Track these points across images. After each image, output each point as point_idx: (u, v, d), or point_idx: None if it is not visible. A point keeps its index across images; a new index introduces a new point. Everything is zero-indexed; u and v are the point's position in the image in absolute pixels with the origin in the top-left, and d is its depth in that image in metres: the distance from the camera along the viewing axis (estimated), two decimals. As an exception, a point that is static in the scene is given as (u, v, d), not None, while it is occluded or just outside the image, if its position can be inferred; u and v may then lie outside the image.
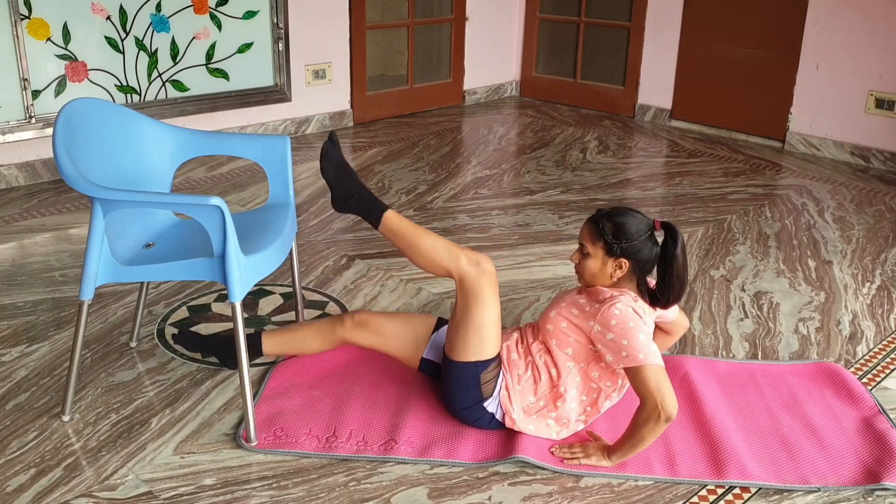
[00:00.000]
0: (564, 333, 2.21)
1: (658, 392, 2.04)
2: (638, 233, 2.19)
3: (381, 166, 4.73)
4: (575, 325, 2.20)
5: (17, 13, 4.01)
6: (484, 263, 2.20)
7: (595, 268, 2.23)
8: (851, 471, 2.19)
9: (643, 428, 2.08)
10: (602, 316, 2.13)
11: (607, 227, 2.20)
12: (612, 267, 2.21)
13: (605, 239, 2.19)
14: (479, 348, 2.21)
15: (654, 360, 2.06)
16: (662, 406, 2.04)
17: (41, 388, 2.49)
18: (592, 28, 6.10)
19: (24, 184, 4.24)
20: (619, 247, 2.18)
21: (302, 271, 3.31)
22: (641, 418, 2.08)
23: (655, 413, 2.05)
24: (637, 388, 2.08)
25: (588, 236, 2.24)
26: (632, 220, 2.20)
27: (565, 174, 4.67)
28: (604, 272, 2.22)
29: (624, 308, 2.13)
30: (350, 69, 5.45)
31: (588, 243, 2.23)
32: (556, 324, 2.23)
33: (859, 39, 4.86)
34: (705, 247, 3.67)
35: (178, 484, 2.10)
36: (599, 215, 2.24)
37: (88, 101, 2.34)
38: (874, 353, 2.82)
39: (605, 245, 2.20)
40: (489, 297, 2.19)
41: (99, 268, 2.18)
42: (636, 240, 2.18)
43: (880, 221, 4.05)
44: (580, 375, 2.22)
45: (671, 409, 2.05)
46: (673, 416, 2.06)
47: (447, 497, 2.08)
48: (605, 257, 2.21)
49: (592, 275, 2.24)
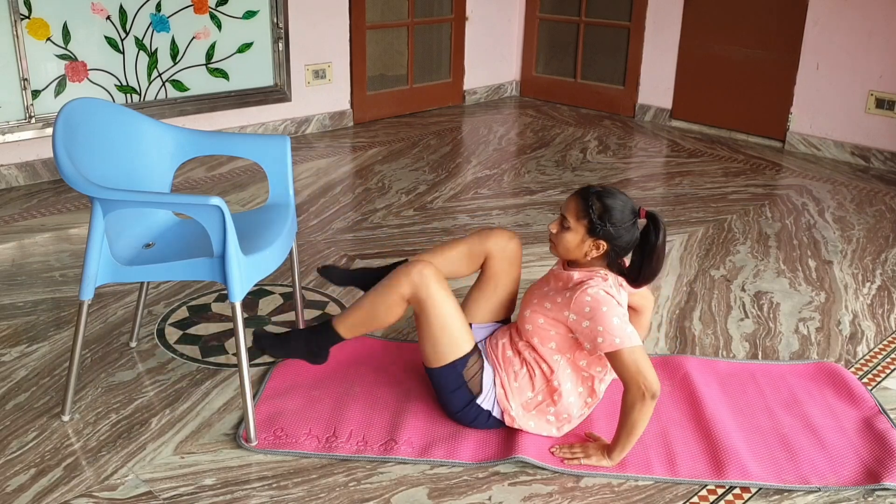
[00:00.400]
0: (544, 329, 2.22)
1: (638, 372, 2.05)
2: (623, 218, 2.17)
3: (381, 166, 4.73)
4: (551, 318, 2.20)
5: (17, 13, 4.01)
6: (417, 271, 2.19)
7: (572, 243, 2.20)
8: (852, 471, 2.19)
9: (632, 412, 2.09)
10: (575, 304, 2.13)
11: (595, 207, 2.16)
12: (589, 246, 2.19)
13: (591, 217, 2.16)
14: (451, 348, 2.21)
15: (630, 342, 2.07)
16: (645, 385, 2.05)
17: (41, 388, 2.49)
18: (592, 28, 6.10)
19: (24, 184, 4.24)
20: (602, 228, 2.16)
21: (302, 271, 3.30)
22: (628, 403, 2.09)
23: (640, 394, 2.06)
24: (618, 371, 2.09)
25: (573, 211, 2.20)
26: (619, 203, 2.18)
27: (565, 174, 4.67)
28: (580, 249, 2.20)
29: (595, 292, 2.12)
30: (350, 69, 5.45)
31: (572, 217, 2.20)
32: (534, 322, 2.23)
33: (859, 39, 4.86)
34: (705, 247, 3.67)
35: (178, 484, 2.10)
36: (589, 192, 2.20)
37: (88, 101, 2.34)
38: (874, 353, 2.82)
39: (588, 224, 2.17)
40: (438, 296, 2.18)
41: (99, 268, 2.18)
42: (620, 225, 2.16)
43: (880, 221, 4.05)
44: (570, 367, 2.23)
45: (654, 385, 2.06)
46: (657, 393, 2.06)
47: (447, 497, 2.08)
48: (585, 235, 2.18)
49: (567, 248, 2.22)
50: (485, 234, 2.44)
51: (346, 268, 2.63)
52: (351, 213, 3.98)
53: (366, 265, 3.20)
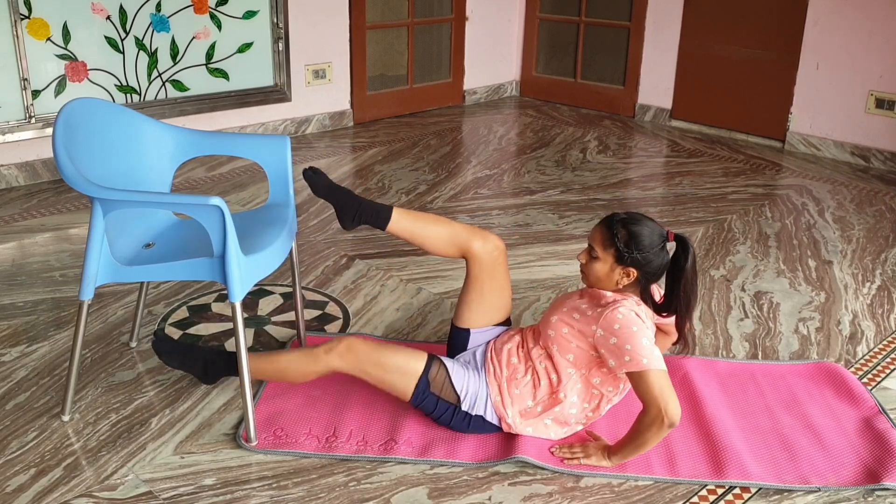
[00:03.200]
0: (566, 339, 2.19)
1: (661, 397, 2.02)
2: (651, 244, 2.15)
3: (381, 166, 4.73)
4: (577, 330, 2.17)
5: (17, 13, 4.01)
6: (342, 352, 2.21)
7: (602, 272, 2.20)
8: (851, 471, 2.19)
9: (646, 433, 2.07)
10: (605, 320, 2.11)
11: (621, 235, 2.15)
12: (619, 274, 2.18)
13: (617, 246, 2.15)
14: (405, 381, 2.21)
15: (657, 364, 2.05)
16: (666, 412, 2.02)
17: (41, 388, 2.49)
18: (592, 28, 6.10)
19: (24, 184, 4.24)
20: (630, 256, 2.14)
21: (302, 271, 3.30)
22: (645, 423, 2.07)
23: (659, 419, 2.03)
24: (640, 393, 2.06)
25: (599, 240, 2.19)
26: (646, 230, 2.16)
27: (565, 174, 4.67)
28: (610, 278, 2.20)
29: (627, 312, 2.11)
30: (350, 69, 5.45)
31: (598, 247, 2.19)
32: (558, 329, 2.21)
33: (859, 39, 4.86)
34: (705, 247, 3.67)
35: (178, 484, 2.10)
36: (614, 220, 2.18)
37: (88, 101, 2.34)
38: (874, 353, 2.82)
39: (616, 252, 2.16)
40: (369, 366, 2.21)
41: (99, 268, 2.18)
42: (648, 251, 2.15)
43: (880, 221, 4.05)
44: (581, 382, 2.20)
45: (674, 415, 2.03)
46: (676, 422, 2.04)
47: (447, 497, 2.08)
48: (614, 264, 2.17)
49: (598, 278, 2.22)
50: (472, 231, 2.37)
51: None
52: (351, 213, 3.98)
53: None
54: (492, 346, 2.35)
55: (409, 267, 3.36)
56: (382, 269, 3.36)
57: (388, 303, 3.09)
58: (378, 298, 3.12)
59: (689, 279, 2.16)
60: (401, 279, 3.27)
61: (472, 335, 2.39)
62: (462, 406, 2.24)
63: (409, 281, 3.26)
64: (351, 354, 2.21)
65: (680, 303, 2.19)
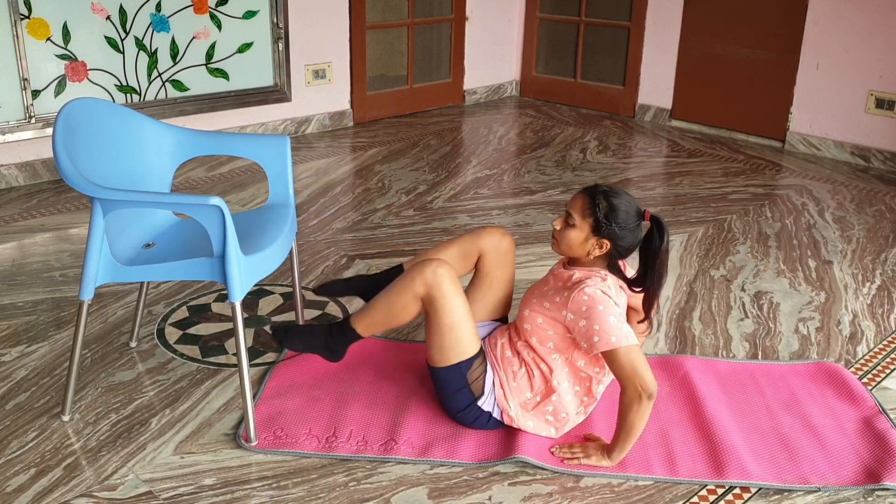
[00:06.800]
0: (542, 328, 2.22)
1: (634, 373, 2.05)
2: (627, 219, 2.17)
3: (381, 166, 4.73)
4: (550, 317, 2.20)
5: (17, 13, 4.01)
6: (432, 269, 2.18)
7: (576, 240, 2.20)
8: (851, 471, 2.19)
9: (629, 412, 2.09)
10: (573, 303, 2.13)
11: (602, 205, 2.16)
12: (593, 244, 2.19)
13: (597, 216, 2.16)
14: (457, 349, 2.21)
15: (626, 340, 2.07)
16: (642, 386, 2.05)
17: (41, 388, 2.49)
18: (592, 28, 6.10)
19: (24, 184, 4.24)
20: (607, 228, 2.16)
21: (302, 271, 3.30)
22: (625, 403, 2.09)
23: (637, 394, 2.06)
24: (614, 371, 2.09)
25: (579, 208, 2.20)
26: (625, 204, 2.18)
27: (565, 174, 4.67)
28: (582, 247, 2.21)
29: (592, 292, 2.12)
30: (350, 69, 5.45)
31: (577, 215, 2.19)
32: (533, 321, 2.24)
33: (859, 39, 4.86)
34: (705, 247, 3.67)
35: (178, 484, 2.10)
36: (597, 191, 2.20)
37: (88, 101, 2.34)
38: (874, 353, 2.82)
39: (593, 222, 2.17)
40: (450, 296, 2.18)
41: (99, 268, 2.18)
42: (624, 226, 2.17)
43: (880, 221, 4.05)
44: (567, 366, 2.23)
45: (650, 386, 2.05)
46: (654, 393, 2.06)
47: (447, 497, 2.08)
48: (590, 233, 2.19)
49: (569, 246, 2.22)
50: (476, 232, 2.45)
51: (340, 279, 2.62)
52: (351, 213, 3.98)
53: (356, 273, 3.21)
54: (487, 342, 2.37)
55: (409, 267, 3.36)
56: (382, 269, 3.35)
57: (388, 303, 3.09)
58: (378, 298, 3.12)
59: (662, 260, 2.19)
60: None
61: None
62: (479, 402, 2.25)
63: (409, 281, 3.25)
64: (435, 289, 2.17)
65: (652, 280, 2.21)
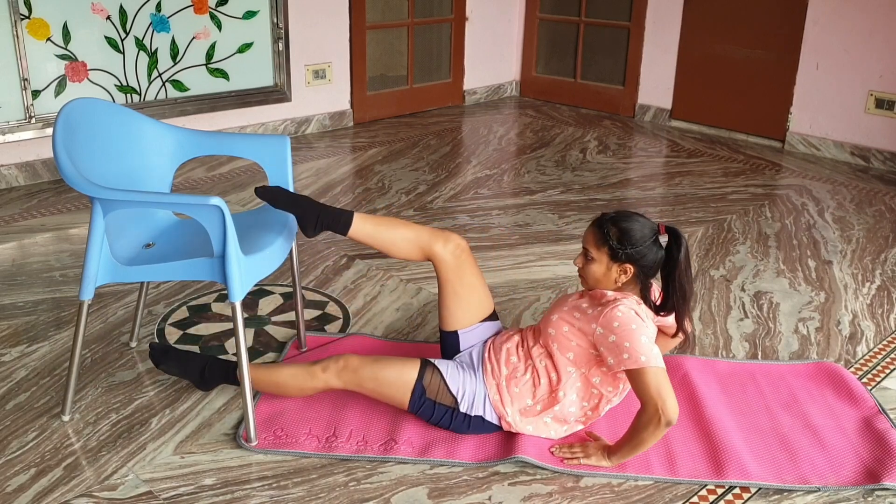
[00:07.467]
0: (566, 337, 2.20)
1: (658, 396, 2.03)
2: (643, 238, 2.16)
3: (381, 166, 4.73)
4: (577, 328, 2.18)
5: (17, 13, 4.01)
6: (339, 369, 2.25)
7: (599, 272, 2.21)
8: (851, 471, 2.19)
9: (643, 431, 2.08)
10: (604, 318, 2.12)
11: (612, 233, 2.17)
12: (616, 272, 2.19)
13: (610, 244, 2.17)
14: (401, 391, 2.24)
15: (655, 362, 2.05)
16: (663, 410, 2.03)
17: (41, 388, 2.49)
18: (592, 28, 6.10)
19: (24, 184, 4.24)
20: (623, 252, 2.16)
21: (302, 271, 3.30)
22: (642, 422, 2.08)
23: (656, 417, 2.04)
24: (638, 391, 2.07)
25: (592, 241, 2.21)
26: (636, 224, 2.18)
27: (565, 174, 4.67)
28: (608, 277, 2.21)
29: (626, 311, 2.12)
30: (350, 69, 5.45)
31: (592, 248, 2.21)
32: (558, 328, 2.22)
33: (859, 39, 4.86)
34: (705, 247, 3.67)
35: (178, 484, 2.10)
36: (604, 220, 2.21)
37: (88, 101, 2.34)
38: (874, 353, 2.82)
39: (609, 250, 2.18)
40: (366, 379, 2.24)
41: (99, 268, 2.18)
42: (641, 245, 2.16)
43: (880, 221, 4.05)
44: (581, 381, 2.21)
45: (672, 413, 2.04)
46: (673, 421, 2.05)
47: (447, 497, 2.08)
48: (609, 262, 2.19)
49: (596, 279, 2.23)
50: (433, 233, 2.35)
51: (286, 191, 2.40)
52: (351, 213, 3.98)
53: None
54: (490, 345, 2.35)
55: (409, 267, 3.36)
56: (382, 269, 3.36)
57: (387, 303, 3.09)
58: (378, 298, 3.12)
59: (682, 270, 2.18)
60: (401, 279, 3.27)
61: (461, 336, 2.39)
62: (460, 407, 2.24)
63: (408, 281, 3.26)
64: (347, 372, 2.24)
65: (676, 295, 2.20)
